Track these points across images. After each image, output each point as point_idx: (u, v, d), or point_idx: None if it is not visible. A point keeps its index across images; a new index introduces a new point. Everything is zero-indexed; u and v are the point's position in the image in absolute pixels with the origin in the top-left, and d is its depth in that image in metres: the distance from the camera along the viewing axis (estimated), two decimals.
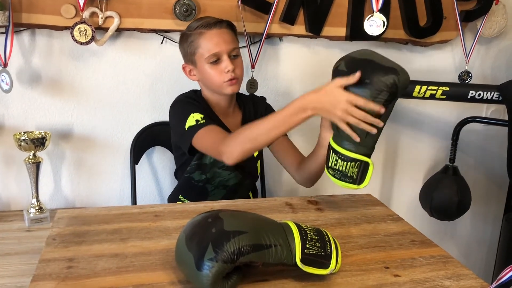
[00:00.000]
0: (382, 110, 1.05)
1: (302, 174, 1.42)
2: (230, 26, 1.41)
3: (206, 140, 1.31)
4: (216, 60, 1.37)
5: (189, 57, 1.41)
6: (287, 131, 1.18)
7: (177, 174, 1.57)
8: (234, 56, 1.40)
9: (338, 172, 1.13)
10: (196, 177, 1.46)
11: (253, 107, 1.53)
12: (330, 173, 1.16)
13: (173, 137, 1.48)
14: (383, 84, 1.04)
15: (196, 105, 1.39)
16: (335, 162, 1.13)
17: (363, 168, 1.11)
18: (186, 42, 1.40)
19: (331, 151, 1.14)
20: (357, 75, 1.06)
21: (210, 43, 1.36)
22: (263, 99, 1.58)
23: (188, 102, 1.41)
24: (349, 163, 1.11)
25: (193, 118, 1.34)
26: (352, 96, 1.06)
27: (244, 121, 1.49)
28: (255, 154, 1.52)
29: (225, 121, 1.46)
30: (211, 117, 1.40)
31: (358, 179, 1.12)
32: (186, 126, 1.34)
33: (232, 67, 1.36)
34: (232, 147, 1.21)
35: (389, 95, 1.05)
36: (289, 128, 1.16)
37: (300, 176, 1.43)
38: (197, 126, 1.32)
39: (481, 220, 2.23)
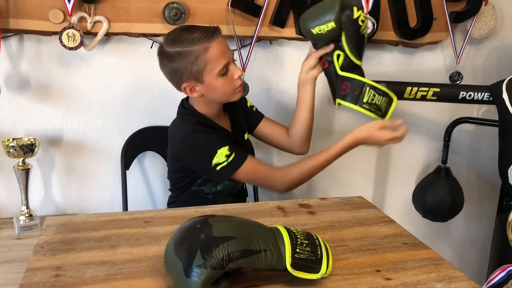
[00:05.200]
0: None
1: (295, 141, 1.53)
2: (220, 31, 1.35)
3: (256, 176, 1.38)
4: (226, 70, 1.34)
5: (194, 75, 1.31)
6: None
7: (175, 190, 1.53)
8: (234, 60, 1.38)
9: (374, 106, 1.31)
10: (206, 189, 1.44)
11: (232, 105, 1.49)
12: (365, 108, 1.31)
13: (196, 163, 1.40)
14: None
15: (212, 134, 1.35)
16: (372, 97, 1.31)
17: (388, 103, 1.34)
18: (187, 60, 1.29)
19: (367, 88, 1.31)
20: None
21: (218, 55, 1.30)
22: None
23: (205, 135, 1.35)
24: (383, 98, 1.32)
25: (222, 155, 1.31)
26: (389, 138, 1.32)
27: (232, 120, 1.50)
28: None
29: (222, 125, 1.45)
30: (214, 126, 1.39)
31: (384, 113, 1.34)
32: (214, 163, 1.31)
33: (241, 72, 1.37)
34: (289, 182, 1.36)
35: None
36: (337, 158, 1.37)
37: (295, 144, 1.53)
38: (234, 164, 1.32)
39: (475, 221, 2.23)
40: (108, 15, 1.54)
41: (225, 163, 1.31)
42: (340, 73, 1.35)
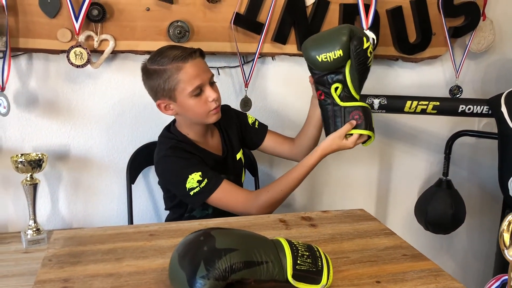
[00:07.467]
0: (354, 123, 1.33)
1: (300, 151, 1.56)
2: (201, 53, 1.38)
3: (228, 201, 1.38)
4: (199, 92, 1.35)
5: (167, 93, 1.35)
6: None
7: (170, 210, 1.56)
8: (212, 83, 1.39)
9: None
10: (198, 214, 1.46)
11: (222, 119, 1.49)
12: (373, 130, 1.35)
13: (172, 188, 1.45)
14: None
15: (185, 159, 1.36)
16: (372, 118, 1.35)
17: None
18: (161, 78, 1.33)
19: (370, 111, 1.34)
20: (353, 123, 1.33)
21: (191, 76, 1.32)
22: (227, 107, 1.57)
23: (177, 160, 1.37)
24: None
25: (193, 180, 1.33)
26: (351, 144, 1.34)
27: (223, 137, 1.52)
28: (243, 179, 1.57)
29: (207, 146, 1.46)
30: (192, 150, 1.39)
31: None
32: (188, 187, 1.34)
33: (216, 95, 1.37)
34: (263, 205, 1.36)
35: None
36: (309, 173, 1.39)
37: (300, 154, 1.55)
38: (206, 190, 1.34)
39: (477, 233, 2.24)
40: (114, 33, 1.58)
41: (197, 189, 1.33)
42: (344, 104, 1.32)
